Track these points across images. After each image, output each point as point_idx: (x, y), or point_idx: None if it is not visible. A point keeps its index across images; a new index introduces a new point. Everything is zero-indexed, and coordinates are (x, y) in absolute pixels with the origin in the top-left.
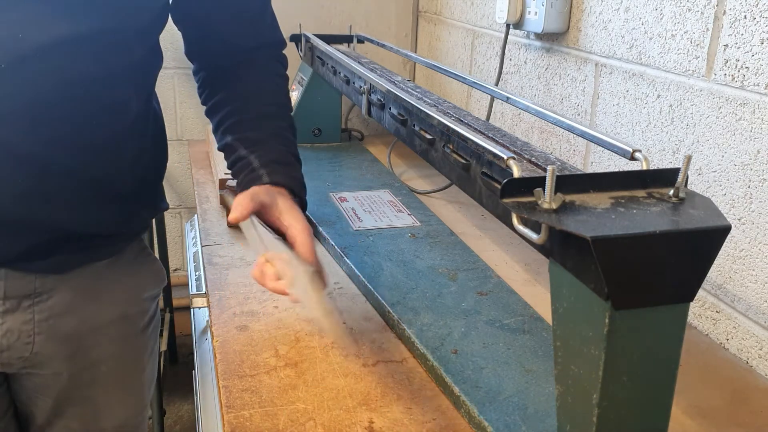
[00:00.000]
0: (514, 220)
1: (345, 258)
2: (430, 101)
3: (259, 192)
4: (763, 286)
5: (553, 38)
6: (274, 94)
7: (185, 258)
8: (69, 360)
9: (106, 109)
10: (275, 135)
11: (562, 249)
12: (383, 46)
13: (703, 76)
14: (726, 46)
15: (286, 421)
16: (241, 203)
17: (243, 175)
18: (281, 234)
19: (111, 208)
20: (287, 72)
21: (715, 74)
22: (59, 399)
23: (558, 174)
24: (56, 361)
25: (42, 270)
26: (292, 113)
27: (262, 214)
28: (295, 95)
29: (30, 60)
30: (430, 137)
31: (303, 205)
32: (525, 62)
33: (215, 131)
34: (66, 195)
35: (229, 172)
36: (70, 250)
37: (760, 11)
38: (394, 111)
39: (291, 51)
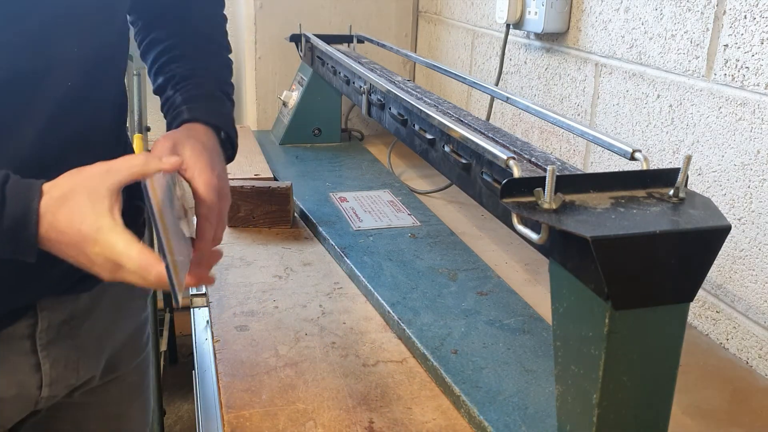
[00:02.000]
0: (514, 220)
1: (345, 258)
2: (430, 101)
3: (161, 147)
4: (763, 286)
5: (553, 38)
6: (211, 31)
7: None
8: (103, 378)
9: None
10: (205, 69)
11: (562, 249)
12: (383, 46)
13: (703, 76)
14: (726, 46)
15: (286, 421)
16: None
17: (168, 114)
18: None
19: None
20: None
21: (715, 74)
22: (89, 417)
23: (558, 174)
24: (94, 381)
25: (77, 290)
26: (230, 54)
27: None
28: (295, 95)
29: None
30: (430, 137)
31: (231, 142)
32: (525, 62)
33: (149, 72)
34: None
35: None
36: None
37: (760, 11)
38: (394, 111)
39: (291, 51)
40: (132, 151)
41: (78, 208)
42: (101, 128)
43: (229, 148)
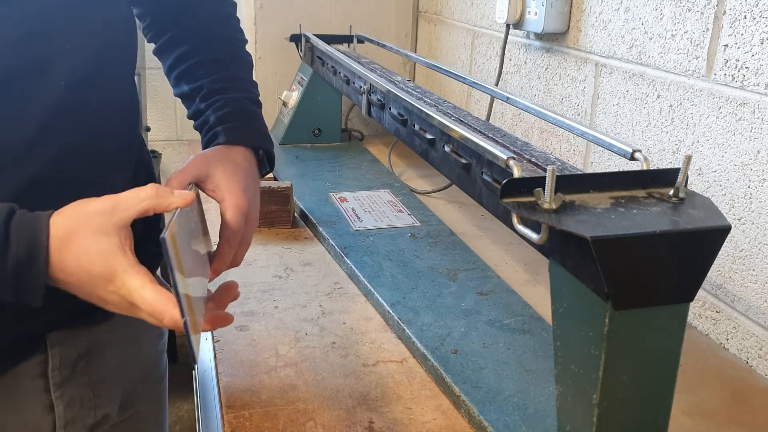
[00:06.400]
0: (514, 220)
1: (345, 258)
2: (430, 101)
3: (195, 165)
4: (763, 286)
5: (553, 38)
6: (228, 30)
7: None
8: (120, 415)
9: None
10: (232, 80)
11: (562, 249)
12: (383, 46)
13: (703, 76)
14: (726, 46)
15: (286, 421)
16: (172, 182)
17: (203, 135)
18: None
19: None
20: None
21: (715, 74)
22: None
23: (558, 174)
24: (111, 419)
25: (95, 321)
26: (246, 45)
27: (200, 186)
28: (295, 95)
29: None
30: (430, 137)
31: (270, 157)
32: (525, 62)
33: (168, 74)
34: None
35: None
36: None
37: (760, 11)
38: (394, 111)
39: (291, 51)
40: (148, 157)
41: (86, 249)
42: (106, 133)
43: (266, 165)
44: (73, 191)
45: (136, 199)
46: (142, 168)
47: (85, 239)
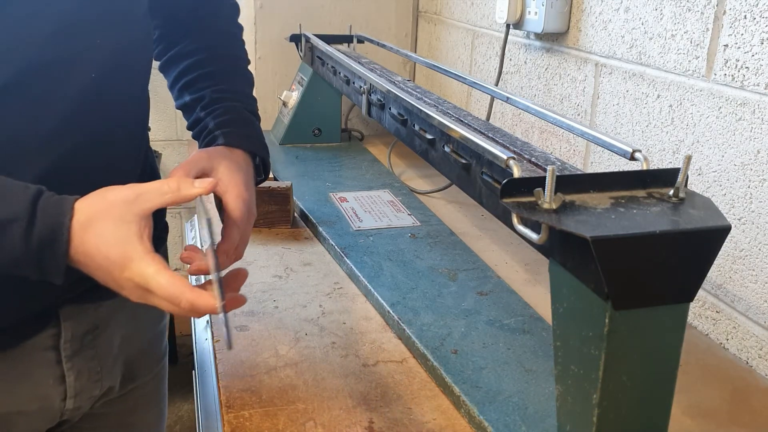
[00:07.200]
0: (514, 220)
1: (345, 258)
2: (430, 101)
3: (199, 159)
4: (763, 286)
5: (553, 38)
6: (233, 49)
7: None
8: (122, 388)
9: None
10: (232, 92)
11: (562, 249)
12: (383, 46)
13: (703, 76)
14: (726, 46)
15: (285, 421)
16: (177, 174)
17: (201, 139)
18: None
19: None
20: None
21: (715, 74)
22: (105, 426)
23: (558, 174)
24: (114, 392)
25: (102, 298)
26: (249, 65)
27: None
28: (295, 95)
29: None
30: (430, 137)
31: (265, 165)
32: (525, 62)
33: (171, 87)
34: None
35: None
36: None
37: (760, 11)
38: (394, 111)
39: (291, 51)
40: (151, 153)
41: (105, 234)
42: (123, 125)
43: (261, 173)
44: (85, 180)
45: (160, 192)
46: (147, 161)
47: (106, 225)
